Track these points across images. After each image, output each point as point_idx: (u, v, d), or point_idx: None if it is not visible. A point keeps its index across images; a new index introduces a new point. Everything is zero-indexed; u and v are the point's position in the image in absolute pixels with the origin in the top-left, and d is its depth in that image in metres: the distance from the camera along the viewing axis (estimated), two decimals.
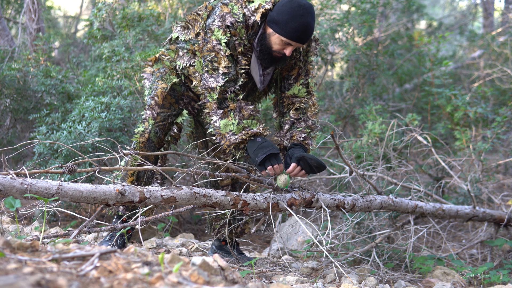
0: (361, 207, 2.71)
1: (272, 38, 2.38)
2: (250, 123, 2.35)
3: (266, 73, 2.54)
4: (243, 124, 2.33)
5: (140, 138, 2.65)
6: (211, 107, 2.39)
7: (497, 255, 3.49)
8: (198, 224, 4.25)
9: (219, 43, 2.36)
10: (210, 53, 2.37)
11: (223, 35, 2.35)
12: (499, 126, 4.34)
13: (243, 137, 2.33)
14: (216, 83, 2.36)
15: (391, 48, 5.88)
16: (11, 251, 1.18)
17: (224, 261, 1.34)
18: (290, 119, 2.57)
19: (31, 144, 3.31)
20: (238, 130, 2.33)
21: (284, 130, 2.57)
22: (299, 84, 2.58)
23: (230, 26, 2.36)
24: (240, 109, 2.36)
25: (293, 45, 2.37)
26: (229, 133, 2.35)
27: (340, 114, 5.47)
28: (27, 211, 2.52)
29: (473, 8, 12.49)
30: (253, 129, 2.34)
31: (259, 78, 2.51)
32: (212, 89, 2.37)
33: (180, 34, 2.60)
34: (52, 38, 5.45)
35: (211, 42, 2.37)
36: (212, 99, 2.38)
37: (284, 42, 2.37)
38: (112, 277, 1.10)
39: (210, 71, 2.38)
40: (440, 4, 16.84)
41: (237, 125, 2.33)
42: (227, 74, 2.36)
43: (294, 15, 2.31)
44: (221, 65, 2.36)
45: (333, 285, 2.45)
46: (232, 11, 2.37)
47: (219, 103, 2.37)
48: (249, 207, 2.34)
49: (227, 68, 2.36)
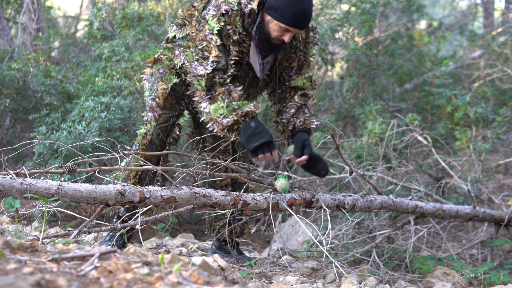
0: (361, 207, 2.71)
1: (271, 25, 2.38)
2: (241, 104, 2.32)
3: (266, 62, 2.54)
4: (233, 105, 2.31)
5: (143, 140, 2.64)
6: (200, 95, 2.39)
7: (497, 255, 3.49)
8: (198, 224, 4.25)
9: (211, 33, 2.36)
10: (202, 42, 2.38)
11: (216, 23, 2.36)
12: (499, 126, 4.34)
13: (235, 118, 2.30)
14: (204, 71, 2.36)
15: (391, 48, 5.88)
16: (11, 251, 1.18)
17: (224, 261, 1.34)
18: (296, 104, 2.57)
19: (31, 144, 3.30)
20: (228, 112, 2.31)
21: (290, 114, 2.56)
22: (304, 78, 2.60)
23: (224, 14, 2.36)
24: (229, 92, 2.34)
25: (291, 31, 2.37)
26: (220, 117, 2.32)
27: (340, 114, 5.47)
28: (27, 211, 2.51)
29: (473, 8, 12.49)
30: (244, 109, 2.31)
31: (258, 66, 2.50)
32: (201, 77, 2.37)
33: (177, 32, 2.60)
34: (52, 38, 5.45)
35: (204, 31, 2.38)
36: (201, 87, 2.38)
37: (283, 29, 2.36)
38: (112, 277, 1.09)
39: (200, 59, 2.38)
40: (440, 4, 16.84)
41: (227, 107, 2.31)
42: (216, 62, 2.36)
43: (292, 1, 2.31)
44: (212, 54, 2.36)
45: (333, 285, 2.45)
46: (227, 0, 2.38)
47: (207, 90, 2.36)
48: (249, 207, 2.34)
49: (217, 57, 2.37)
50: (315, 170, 2.48)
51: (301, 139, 2.47)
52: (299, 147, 2.44)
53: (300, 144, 2.45)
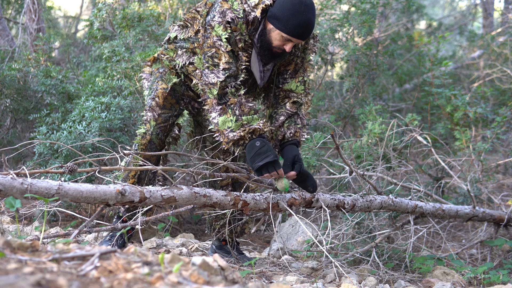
0: (361, 207, 2.72)
1: (273, 34, 2.38)
2: (250, 119, 2.31)
3: (266, 69, 2.54)
4: (242, 120, 2.31)
5: (142, 140, 2.64)
6: (211, 103, 2.37)
7: (497, 255, 3.49)
8: (198, 224, 4.25)
9: (220, 39, 2.35)
10: (211, 49, 2.37)
11: (223, 31, 2.35)
12: (499, 126, 4.34)
13: (241, 134, 2.30)
14: (216, 79, 2.34)
15: (391, 48, 5.88)
16: (11, 251, 1.18)
17: (224, 261, 1.35)
18: (287, 111, 2.56)
19: (31, 144, 3.31)
20: (236, 127, 2.31)
21: (279, 121, 2.54)
22: (297, 81, 2.58)
23: (230, 22, 2.35)
24: (240, 104, 2.33)
25: (293, 41, 2.37)
26: (227, 129, 2.32)
27: (340, 114, 5.47)
28: (27, 211, 2.52)
29: (472, 8, 12.49)
30: (253, 125, 2.30)
31: (259, 74, 2.50)
32: (213, 85, 2.35)
33: (178, 33, 2.60)
34: (52, 38, 5.46)
35: (212, 38, 2.36)
36: (213, 95, 2.36)
37: (285, 38, 2.36)
38: (112, 277, 1.10)
39: (210, 67, 2.37)
40: (440, 4, 16.84)
41: (236, 121, 2.31)
42: (227, 69, 2.35)
43: (295, 11, 2.31)
44: (222, 61, 2.35)
45: (333, 285, 2.45)
46: (232, 7, 2.37)
47: (219, 99, 2.35)
48: (249, 207, 2.34)
49: (228, 64, 2.35)
50: (303, 185, 2.48)
51: (291, 155, 2.45)
52: (288, 163, 2.43)
53: (290, 161, 2.44)
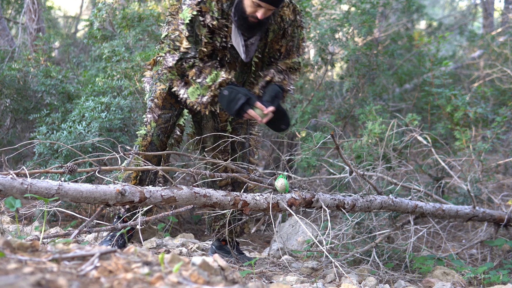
0: (361, 207, 2.72)
1: (245, 1, 2.41)
2: (214, 77, 2.39)
3: (250, 43, 2.55)
4: (207, 83, 2.38)
5: (143, 141, 2.65)
6: (176, 84, 2.48)
7: (497, 255, 3.49)
8: (198, 224, 4.25)
9: (183, 23, 2.41)
10: (174, 31, 2.45)
11: (189, 13, 2.39)
12: (499, 126, 4.34)
13: (212, 93, 2.39)
14: (173, 62, 2.43)
15: (391, 48, 5.87)
16: (11, 251, 1.18)
17: (224, 261, 1.34)
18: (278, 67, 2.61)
19: (31, 144, 3.31)
20: (205, 90, 2.39)
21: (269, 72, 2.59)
22: (291, 62, 2.62)
23: (200, 2, 2.39)
24: (199, 71, 2.41)
25: (263, 6, 2.36)
26: (199, 97, 2.41)
27: (340, 114, 5.47)
28: (27, 211, 2.52)
29: (473, 8, 12.49)
30: (217, 81, 2.38)
31: (241, 48, 2.52)
32: (171, 68, 2.46)
33: (166, 30, 2.61)
34: (52, 38, 5.46)
35: (177, 21, 2.44)
36: (174, 77, 2.48)
37: (255, 4, 2.37)
38: (112, 277, 1.10)
39: (171, 51, 2.45)
40: (440, 4, 16.84)
41: (202, 87, 2.39)
42: (184, 53, 2.43)
43: None
44: (183, 45, 2.43)
45: (333, 285, 2.45)
46: None
47: (181, 77, 2.46)
48: (249, 207, 2.34)
49: (187, 49, 2.43)
50: (277, 125, 2.52)
51: (273, 92, 2.50)
52: (268, 98, 2.46)
53: (270, 96, 2.47)
